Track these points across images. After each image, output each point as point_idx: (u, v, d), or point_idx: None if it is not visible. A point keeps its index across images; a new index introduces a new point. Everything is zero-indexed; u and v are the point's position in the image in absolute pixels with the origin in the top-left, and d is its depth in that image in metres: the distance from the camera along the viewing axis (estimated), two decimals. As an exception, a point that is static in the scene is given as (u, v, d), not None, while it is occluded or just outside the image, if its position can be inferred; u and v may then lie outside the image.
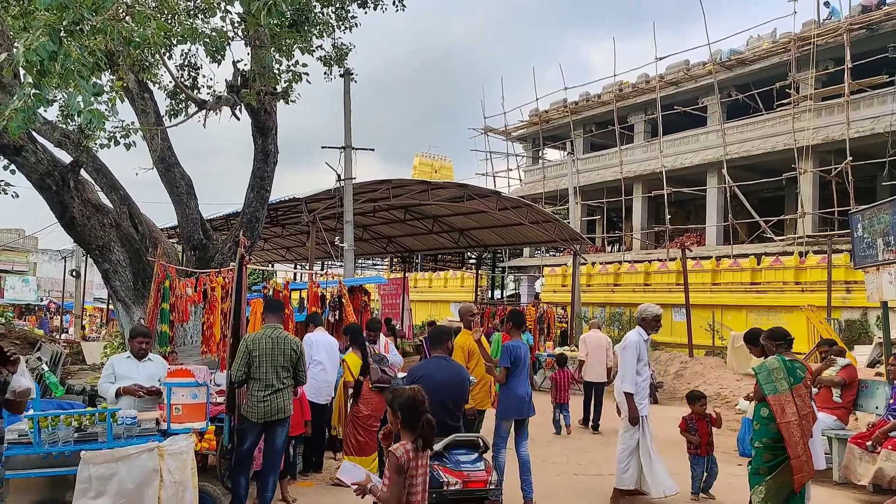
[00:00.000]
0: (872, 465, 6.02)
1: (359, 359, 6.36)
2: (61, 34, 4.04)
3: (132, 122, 8.31)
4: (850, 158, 18.31)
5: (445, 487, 4.19)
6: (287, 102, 8.75)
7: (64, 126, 8.86)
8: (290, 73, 8.25)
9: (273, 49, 7.89)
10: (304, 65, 8.28)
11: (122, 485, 4.23)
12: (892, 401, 6.43)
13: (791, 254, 18.75)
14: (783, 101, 21.01)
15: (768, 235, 21.37)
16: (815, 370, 7.19)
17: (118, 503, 4.20)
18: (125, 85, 8.21)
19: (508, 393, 5.93)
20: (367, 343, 6.67)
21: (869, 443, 6.11)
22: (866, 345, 14.53)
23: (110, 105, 6.25)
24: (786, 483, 4.78)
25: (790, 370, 4.87)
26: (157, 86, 9.23)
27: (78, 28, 4.16)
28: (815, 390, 6.60)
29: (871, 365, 12.71)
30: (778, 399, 4.80)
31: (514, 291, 32.47)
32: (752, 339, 5.81)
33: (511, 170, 31.58)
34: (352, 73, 14.41)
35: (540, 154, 31.36)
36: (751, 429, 5.17)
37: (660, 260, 22.20)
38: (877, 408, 6.87)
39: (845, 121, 19.02)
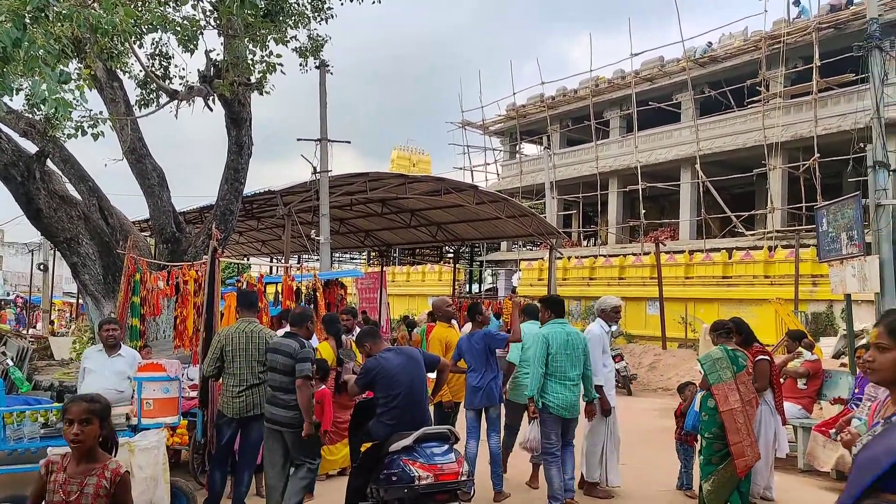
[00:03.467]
0: (835, 453, 6.20)
1: (332, 350, 6.33)
2: (25, 20, 3.95)
3: (101, 112, 8.14)
4: (818, 155, 18.71)
5: (417, 483, 4.20)
6: (261, 93, 8.65)
7: (30, 115, 8.66)
8: (264, 64, 8.16)
9: (247, 39, 7.80)
10: (279, 55, 8.20)
11: (90, 480, 4.16)
12: (856, 390, 6.60)
13: (761, 248, 19.12)
14: (754, 99, 21.37)
15: (740, 230, 21.75)
16: (782, 361, 7.37)
17: (87, 498, 4.14)
18: (93, 73, 8.04)
19: (466, 383, 6.02)
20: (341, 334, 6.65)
21: (832, 430, 6.27)
22: (832, 336, 14.90)
23: (78, 94, 6.11)
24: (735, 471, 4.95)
25: (732, 359, 5.11)
26: (126, 75, 9.07)
27: (43, 14, 4.07)
28: (781, 380, 6.76)
29: (836, 356, 13.03)
30: (722, 388, 5.00)
31: (491, 285, 32.60)
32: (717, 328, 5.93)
33: (488, 164, 31.67)
34: (328, 65, 14.31)
35: (517, 149, 31.48)
36: (701, 405, 5.34)
37: (634, 254, 22.47)
38: (839, 397, 7.05)
39: (813, 118, 19.42)
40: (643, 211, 23.80)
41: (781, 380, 6.85)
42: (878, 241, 7.70)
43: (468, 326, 6.79)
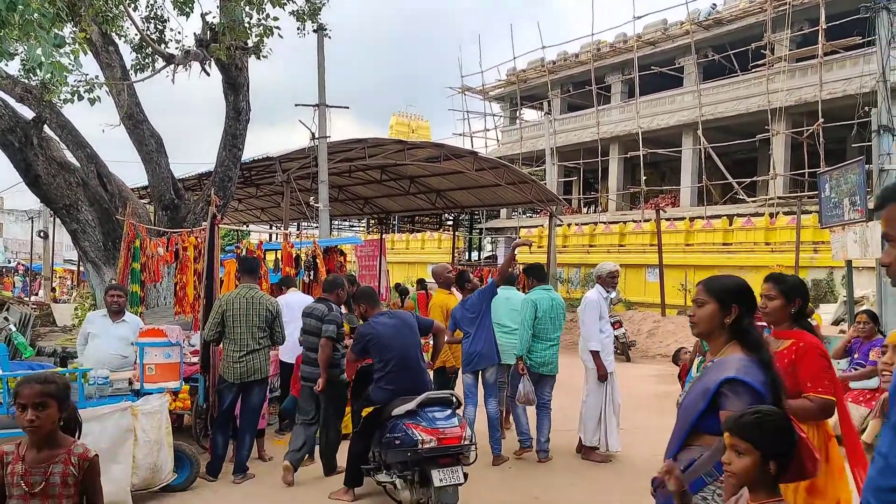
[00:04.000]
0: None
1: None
2: (17, -18, 3.86)
3: (96, 77, 8.05)
4: (822, 120, 18.52)
5: (420, 446, 4.26)
6: (259, 58, 8.53)
7: (26, 81, 8.55)
8: (261, 27, 8.04)
9: (243, 2, 7.65)
10: (276, 18, 8.07)
11: (95, 444, 4.19)
12: (856, 355, 6.62)
13: (762, 215, 19.07)
14: (758, 63, 21.06)
15: (741, 197, 21.66)
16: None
17: (92, 461, 4.20)
18: (88, 37, 7.90)
19: (463, 349, 6.08)
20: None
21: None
22: (832, 303, 14.96)
23: (73, 58, 6.02)
24: None
25: None
26: (122, 39, 8.93)
27: (34, -25, 3.97)
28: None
29: (836, 322, 13.10)
30: None
31: (491, 253, 32.62)
32: None
33: (488, 130, 31.39)
34: (325, 29, 14.06)
35: (517, 114, 31.17)
36: (697, 369, 5.38)
37: (635, 221, 22.43)
38: (838, 362, 7.09)
39: (818, 82, 19.17)
40: (644, 177, 23.67)
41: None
42: (880, 206, 7.67)
43: (456, 294, 6.83)
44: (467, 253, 31.41)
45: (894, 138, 8.05)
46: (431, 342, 5.48)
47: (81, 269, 18.64)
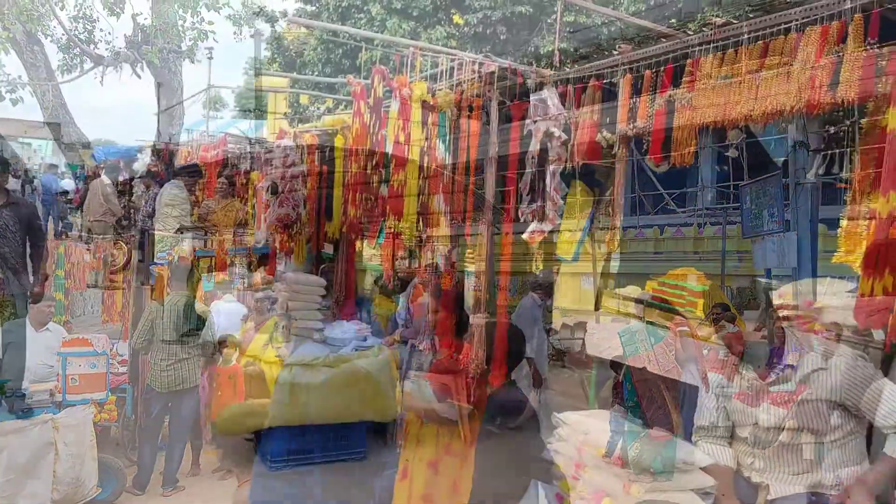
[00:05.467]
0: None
1: None
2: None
3: (20, 77, 7.71)
4: (744, 136, 19.48)
5: None
6: (192, 61, 8.38)
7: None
8: (195, 31, 7.91)
9: (176, 4, 7.51)
10: (211, 22, 7.97)
11: (12, 459, 4.06)
12: (774, 360, 6.98)
13: (691, 225, 19.85)
14: (688, 79, 22.02)
15: (671, 207, 22.48)
16: (706, 334, 7.76)
17: (8, 478, 4.04)
18: (12, 36, 7.58)
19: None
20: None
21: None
22: (754, 310, 15.72)
23: (-8, 56, 5.77)
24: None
25: (651, 331, 5.32)
26: (48, 38, 8.60)
27: (-50, -32, 3.80)
28: (705, 352, 7.11)
29: (757, 329, 13.76)
30: (638, 359, 5.22)
31: (431, 261, 32.69)
32: (639, 302, 6.18)
33: (429, 139, 31.56)
34: (262, 34, 13.90)
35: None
36: (625, 376, 5.59)
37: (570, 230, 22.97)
38: (758, 367, 7.46)
39: (743, 100, 20.19)
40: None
41: (705, 351, 7.19)
42: (796, 217, 8.10)
43: None
44: (408, 260, 31.41)
45: (809, 153, 8.54)
46: None
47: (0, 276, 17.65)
